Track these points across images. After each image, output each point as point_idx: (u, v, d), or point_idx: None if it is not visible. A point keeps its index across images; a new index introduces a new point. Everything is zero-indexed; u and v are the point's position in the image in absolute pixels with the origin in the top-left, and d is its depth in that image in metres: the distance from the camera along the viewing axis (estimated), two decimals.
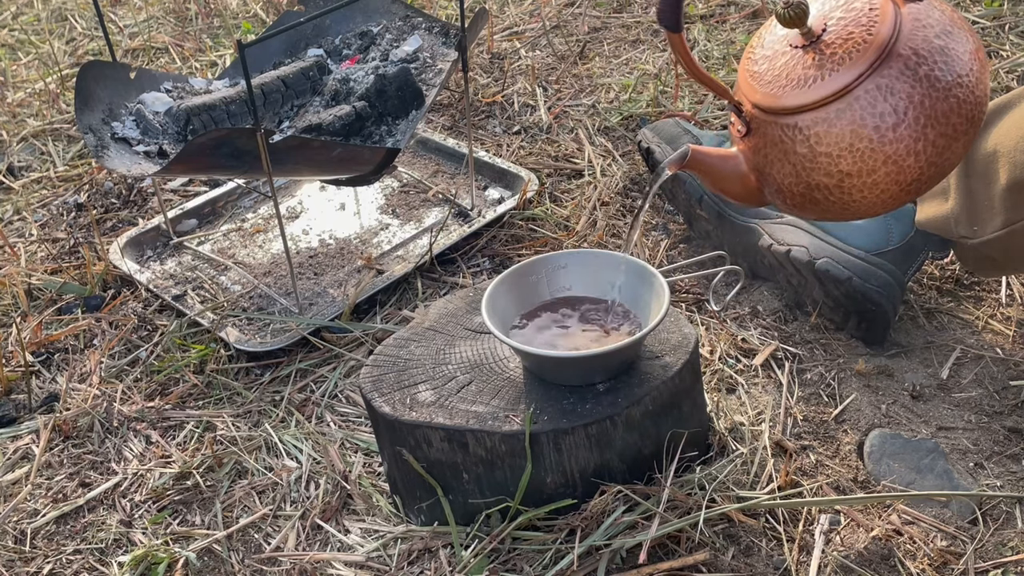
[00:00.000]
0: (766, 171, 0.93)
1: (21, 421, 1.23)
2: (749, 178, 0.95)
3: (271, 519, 1.08)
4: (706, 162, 0.95)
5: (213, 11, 2.29)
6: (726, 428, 1.10)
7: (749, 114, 0.93)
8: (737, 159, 0.95)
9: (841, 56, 0.87)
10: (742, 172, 0.95)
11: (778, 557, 0.98)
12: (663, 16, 0.87)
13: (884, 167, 0.88)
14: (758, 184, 0.95)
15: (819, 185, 0.90)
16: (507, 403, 0.97)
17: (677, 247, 1.43)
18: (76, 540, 1.08)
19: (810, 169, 0.90)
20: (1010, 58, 1.77)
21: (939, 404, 1.15)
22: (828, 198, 0.91)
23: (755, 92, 0.92)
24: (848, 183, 0.89)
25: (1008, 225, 1.10)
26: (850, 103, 0.87)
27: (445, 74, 1.42)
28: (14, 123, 1.88)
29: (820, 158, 0.89)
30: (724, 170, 0.95)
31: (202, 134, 1.16)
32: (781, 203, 0.96)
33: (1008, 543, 0.99)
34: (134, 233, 1.49)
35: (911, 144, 0.87)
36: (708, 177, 0.97)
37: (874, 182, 0.89)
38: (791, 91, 0.89)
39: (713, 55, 1.89)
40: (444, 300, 1.12)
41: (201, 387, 1.25)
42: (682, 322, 1.05)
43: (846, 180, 0.89)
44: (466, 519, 1.00)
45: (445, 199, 1.55)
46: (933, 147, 0.87)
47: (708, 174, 0.96)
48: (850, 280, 1.19)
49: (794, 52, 0.91)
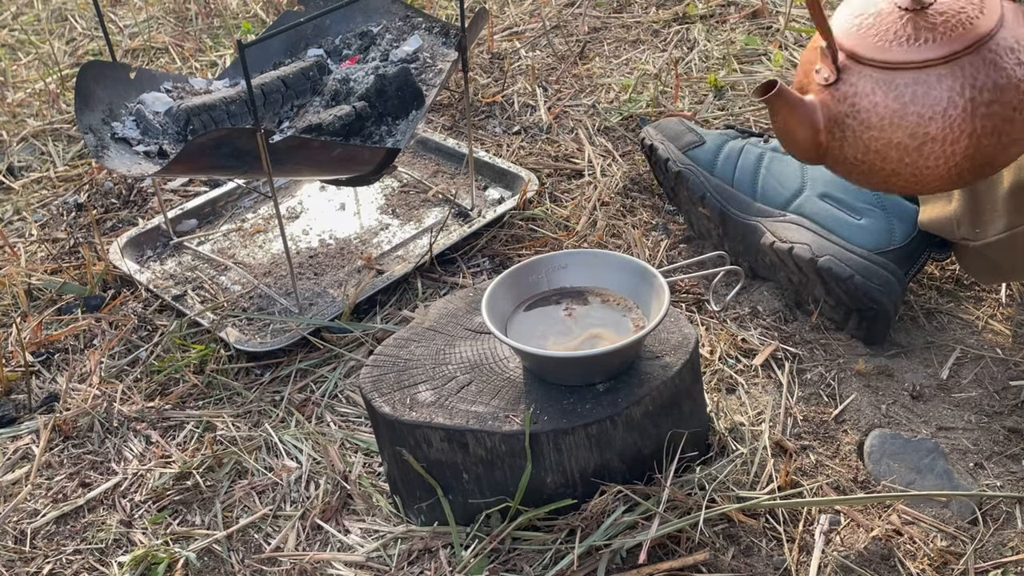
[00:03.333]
0: (846, 122, 0.94)
1: (21, 421, 1.23)
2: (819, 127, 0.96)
3: (271, 519, 1.08)
4: (790, 99, 0.96)
5: (213, 11, 2.28)
6: (726, 428, 1.10)
7: (843, 63, 0.94)
8: (814, 106, 0.96)
9: (953, 24, 0.90)
10: (815, 120, 0.96)
11: (778, 557, 0.98)
12: None
13: (967, 140, 0.90)
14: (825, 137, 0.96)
15: (900, 145, 0.92)
16: (507, 403, 0.97)
17: (677, 247, 1.43)
18: (76, 540, 1.08)
19: (896, 125, 0.91)
20: None
21: (939, 404, 1.15)
22: (903, 159, 0.92)
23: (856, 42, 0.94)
24: (929, 148, 0.91)
25: (1011, 228, 1.10)
26: (953, 70, 0.89)
27: (445, 74, 1.42)
28: (14, 123, 1.88)
29: (910, 117, 0.90)
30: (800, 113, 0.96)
31: (202, 134, 1.16)
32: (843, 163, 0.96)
33: (1008, 543, 0.99)
34: (134, 233, 1.49)
35: (998, 124, 0.90)
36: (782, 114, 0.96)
37: (953, 152, 0.91)
38: (898, 47, 0.91)
39: (713, 55, 1.89)
40: (444, 300, 1.12)
41: (201, 387, 1.25)
42: (682, 322, 1.05)
43: (927, 145, 0.91)
44: (466, 519, 1.00)
45: (445, 199, 1.55)
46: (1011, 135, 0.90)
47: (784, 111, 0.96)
48: (852, 278, 1.19)
49: (903, 13, 0.93)
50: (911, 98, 0.90)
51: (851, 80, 0.93)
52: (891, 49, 0.92)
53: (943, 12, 0.92)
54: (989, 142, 0.90)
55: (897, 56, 0.91)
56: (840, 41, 0.95)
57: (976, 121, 0.90)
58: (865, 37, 0.93)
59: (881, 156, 0.93)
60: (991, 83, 0.89)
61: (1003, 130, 0.90)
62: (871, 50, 0.92)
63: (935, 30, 0.91)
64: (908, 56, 0.91)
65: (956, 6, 0.92)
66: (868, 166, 0.95)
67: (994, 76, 0.89)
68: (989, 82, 0.89)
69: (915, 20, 0.92)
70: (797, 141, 0.98)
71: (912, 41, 0.91)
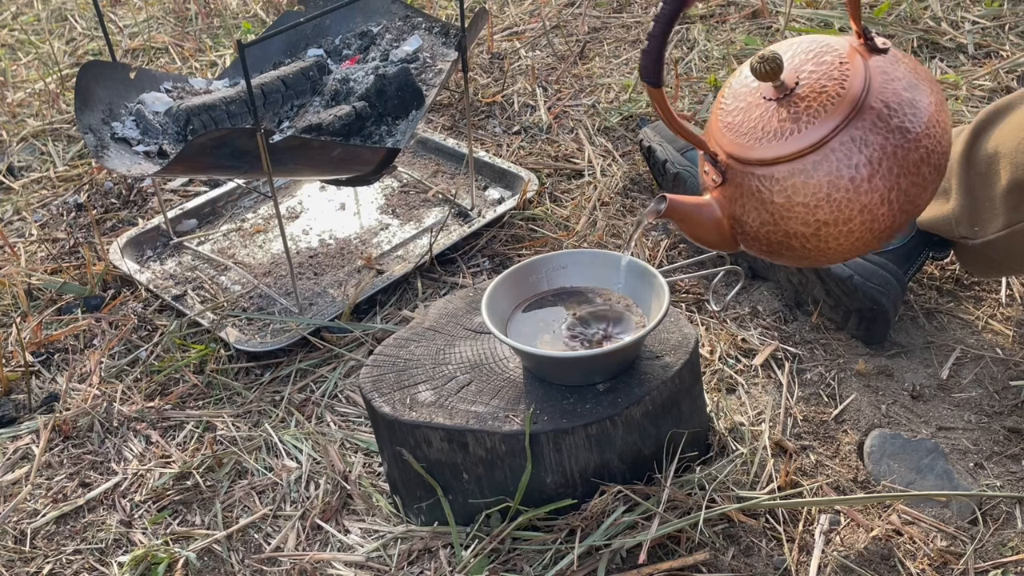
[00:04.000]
0: (742, 219, 0.94)
1: (21, 421, 1.23)
2: (723, 225, 0.97)
3: (271, 519, 1.08)
4: (682, 210, 0.97)
5: (213, 11, 2.29)
6: (726, 428, 1.10)
7: (724, 164, 0.94)
8: (711, 207, 0.97)
9: (816, 109, 0.89)
10: (717, 219, 0.97)
11: (778, 557, 0.98)
12: (645, 72, 0.89)
13: (859, 216, 0.89)
14: (732, 232, 0.96)
15: (796, 233, 0.92)
16: (507, 403, 0.97)
17: (677, 247, 1.43)
18: (76, 540, 1.08)
19: (787, 218, 0.91)
20: (1010, 58, 1.77)
21: (939, 404, 1.15)
22: (804, 245, 0.92)
23: (730, 143, 0.94)
24: (824, 231, 0.91)
25: (1009, 226, 1.10)
26: (826, 155, 0.88)
27: (445, 74, 1.42)
28: (14, 123, 1.88)
29: (797, 208, 0.90)
30: (699, 218, 0.97)
31: (202, 134, 1.16)
32: (756, 250, 0.97)
33: (1008, 543, 0.99)
34: (134, 233, 1.49)
35: (885, 193, 0.89)
36: (684, 224, 0.98)
37: (849, 230, 0.90)
38: (768, 143, 0.91)
39: (713, 55, 1.90)
40: (444, 300, 1.12)
41: (201, 387, 1.25)
42: (682, 322, 1.05)
43: (823, 229, 0.91)
44: (466, 519, 1.00)
45: (445, 199, 1.55)
46: (905, 196, 0.89)
47: (684, 221, 0.98)
48: (851, 278, 1.19)
49: (768, 104, 0.92)
50: (793, 190, 0.90)
51: (736, 181, 0.93)
52: (763, 146, 0.91)
53: (805, 97, 0.90)
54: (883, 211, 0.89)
55: (770, 153, 0.90)
56: (718, 141, 0.95)
57: (863, 197, 0.89)
58: (738, 136, 0.93)
59: (784, 245, 0.94)
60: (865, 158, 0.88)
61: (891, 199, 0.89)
62: (745, 150, 0.92)
63: (799, 119, 0.90)
64: (780, 151, 0.90)
65: (817, 85, 0.90)
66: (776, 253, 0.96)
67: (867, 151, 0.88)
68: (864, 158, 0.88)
69: (780, 111, 0.91)
70: (709, 241, 0.98)
71: (780, 136, 0.90)
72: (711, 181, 0.96)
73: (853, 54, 0.91)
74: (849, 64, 0.90)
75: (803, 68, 0.92)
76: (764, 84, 0.93)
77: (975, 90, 1.69)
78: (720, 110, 0.97)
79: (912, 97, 0.89)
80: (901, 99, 0.89)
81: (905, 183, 0.89)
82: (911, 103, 0.89)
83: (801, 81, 0.91)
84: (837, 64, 0.91)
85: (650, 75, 0.89)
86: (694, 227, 0.97)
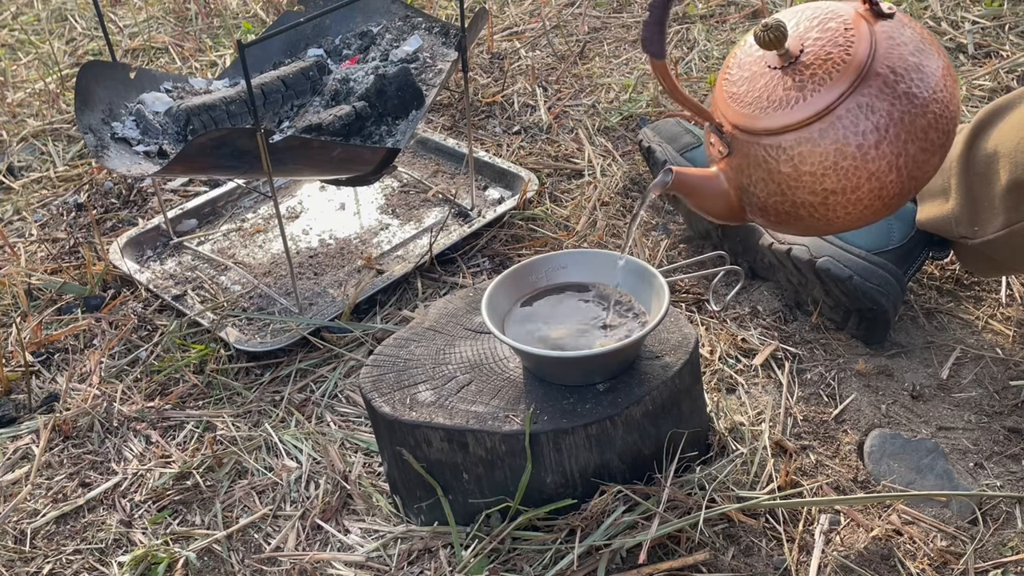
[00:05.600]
0: (749, 190, 0.94)
1: (21, 421, 1.23)
2: (731, 196, 0.96)
3: (271, 519, 1.08)
4: (689, 183, 0.96)
5: (213, 11, 2.28)
6: (726, 428, 1.10)
7: (730, 135, 0.93)
8: (718, 179, 0.96)
9: (821, 77, 0.88)
10: (723, 191, 0.96)
11: (778, 557, 0.98)
12: (647, 43, 0.88)
13: (868, 183, 0.89)
14: (739, 203, 0.96)
15: (804, 203, 0.91)
16: (507, 403, 0.97)
17: (677, 247, 1.43)
18: (76, 540, 1.08)
19: (795, 188, 0.91)
20: (1010, 58, 1.77)
21: (939, 404, 1.15)
22: (813, 215, 0.92)
23: (736, 113, 0.93)
24: (832, 200, 0.90)
25: (1009, 225, 1.10)
26: (832, 122, 0.88)
27: (445, 74, 1.42)
28: (14, 123, 1.88)
29: (804, 177, 0.90)
30: (706, 190, 0.96)
31: (202, 134, 1.16)
32: (764, 220, 0.96)
33: (1008, 543, 0.99)
34: (134, 233, 1.49)
35: (893, 160, 0.88)
36: (691, 197, 0.97)
37: (858, 198, 0.90)
38: (773, 112, 0.90)
39: (713, 55, 1.89)
40: (444, 300, 1.12)
41: (201, 387, 1.25)
42: (682, 322, 1.05)
43: (831, 198, 0.90)
44: (466, 519, 1.00)
45: (445, 199, 1.55)
46: (913, 162, 0.88)
47: (691, 194, 0.97)
48: (851, 279, 1.19)
49: (773, 73, 0.91)
50: (800, 159, 0.89)
51: (743, 151, 0.93)
52: (769, 116, 0.90)
53: (810, 64, 0.89)
54: (891, 178, 0.89)
55: (776, 122, 0.89)
56: (723, 113, 0.94)
57: (870, 165, 0.88)
58: (743, 106, 0.92)
59: (791, 215, 0.93)
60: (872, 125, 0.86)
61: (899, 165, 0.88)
62: (750, 120, 0.91)
63: (804, 87, 0.88)
64: (785, 120, 0.89)
65: (823, 52, 0.89)
66: (784, 223, 0.95)
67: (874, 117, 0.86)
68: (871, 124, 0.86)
69: (785, 79, 0.90)
70: (717, 212, 0.97)
71: (786, 104, 0.89)
72: (717, 153, 0.95)
73: (858, 20, 0.90)
74: (854, 30, 0.89)
75: (808, 35, 0.91)
76: (768, 53, 0.92)
77: (975, 90, 1.69)
78: (725, 80, 0.96)
79: (919, 62, 0.88)
80: (908, 64, 0.87)
81: (913, 149, 0.87)
82: (918, 67, 0.88)
83: (806, 48, 0.90)
84: (842, 30, 0.89)
85: (652, 46, 0.88)
86: (701, 199, 0.96)
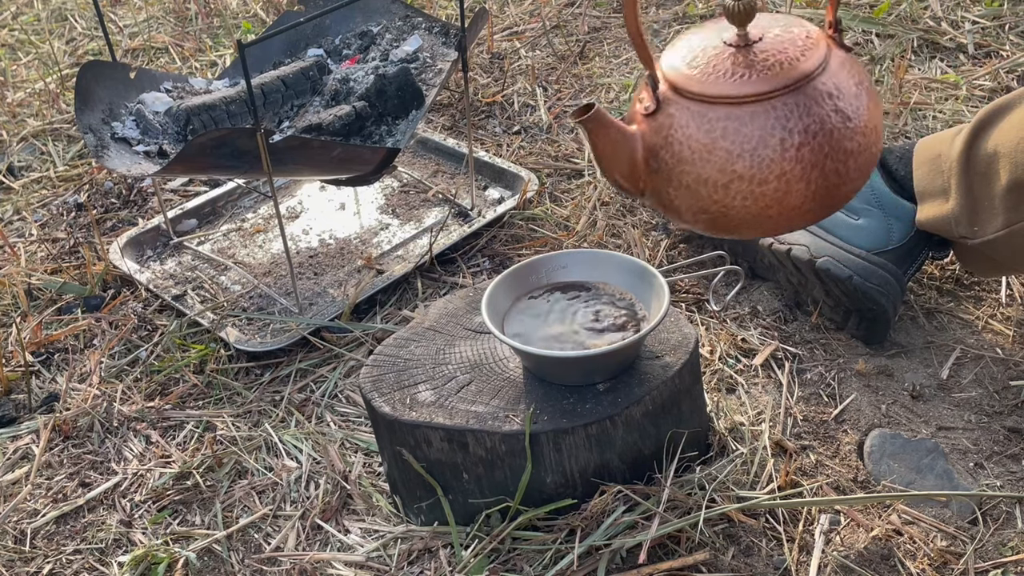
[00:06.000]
0: (660, 154, 0.93)
1: (21, 421, 1.23)
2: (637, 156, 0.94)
3: (271, 519, 1.08)
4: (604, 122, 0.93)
5: (213, 11, 2.28)
6: (726, 428, 1.10)
7: (663, 94, 0.93)
8: (634, 138, 0.95)
9: (772, 65, 0.90)
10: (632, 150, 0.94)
11: (778, 557, 0.98)
12: None
13: (776, 181, 0.89)
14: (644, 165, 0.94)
15: (707, 179, 0.90)
16: (507, 403, 0.97)
17: (677, 247, 1.43)
18: (76, 540, 1.08)
19: (706, 159, 0.90)
20: (1010, 58, 1.77)
21: (939, 404, 1.15)
22: (711, 196, 0.91)
23: (676, 73, 0.93)
24: (736, 186, 0.90)
25: (1009, 225, 1.10)
26: (767, 109, 0.88)
27: (445, 74, 1.42)
28: (14, 123, 1.88)
29: (719, 151, 0.89)
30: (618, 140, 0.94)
31: (202, 134, 1.16)
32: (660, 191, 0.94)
33: (1008, 543, 0.99)
34: (134, 233, 1.49)
35: (808, 169, 0.88)
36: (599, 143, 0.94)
37: (762, 192, 0.89)
38: (714, 80, 0.91)
39: None
40: (444, 300, 1.12)
41: (201, 387, 1.25)
42: (682, 322, 1.05)
43: (735, 183, 0.90)
44: (466, 519, 1.00)
45: (445, 199, 1.55)
46: (824, 181, 0.89)
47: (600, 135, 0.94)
48: (850, 279, 1.19)
49: (726, 48, 0.92)
50: (722, 133, 0.89)
51: (669, 111, 0.92)
52: (709, 83, 0.90)
53: (765, 51, 0.91)
54: (799, 187, 0.89)
55: (713, 90, 0.90)
56: (667, 73, 0.94)
57: (785, 163, 0.88)
58: (689, 70, 0.93)
59: (692, 192, 0.92)
60: (802, 126, 0.88)
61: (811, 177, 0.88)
62: (690, 82, 0.91)
63: (753, 67, 0.90)
64: (723, 90, 0.89)
65: (780, 46, 0.91)
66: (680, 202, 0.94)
67: (807, 120, 0.88)
68: (801, 125, 0.88)
69: (737, 57, 0.91)
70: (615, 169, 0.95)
71: (729, 76, 0.90)
72: (642, 110, 0.95)
73: (821, 37, 0.92)
74: (814, 42, 0.92)
75: (771, 29, 0.93)
76: (730, 28, 0.93)
77: (975, 90, 1.69)
78: (674, 46, 0.97)
79: (859, 93, 0.91)
80: (850, 91, 0.90)
81: (830, 167, 0.89)
82: (857, 97, 0.90)
83: (765, 38, 0.92)
84: (803, 37, 0.92)
85: None
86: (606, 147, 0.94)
